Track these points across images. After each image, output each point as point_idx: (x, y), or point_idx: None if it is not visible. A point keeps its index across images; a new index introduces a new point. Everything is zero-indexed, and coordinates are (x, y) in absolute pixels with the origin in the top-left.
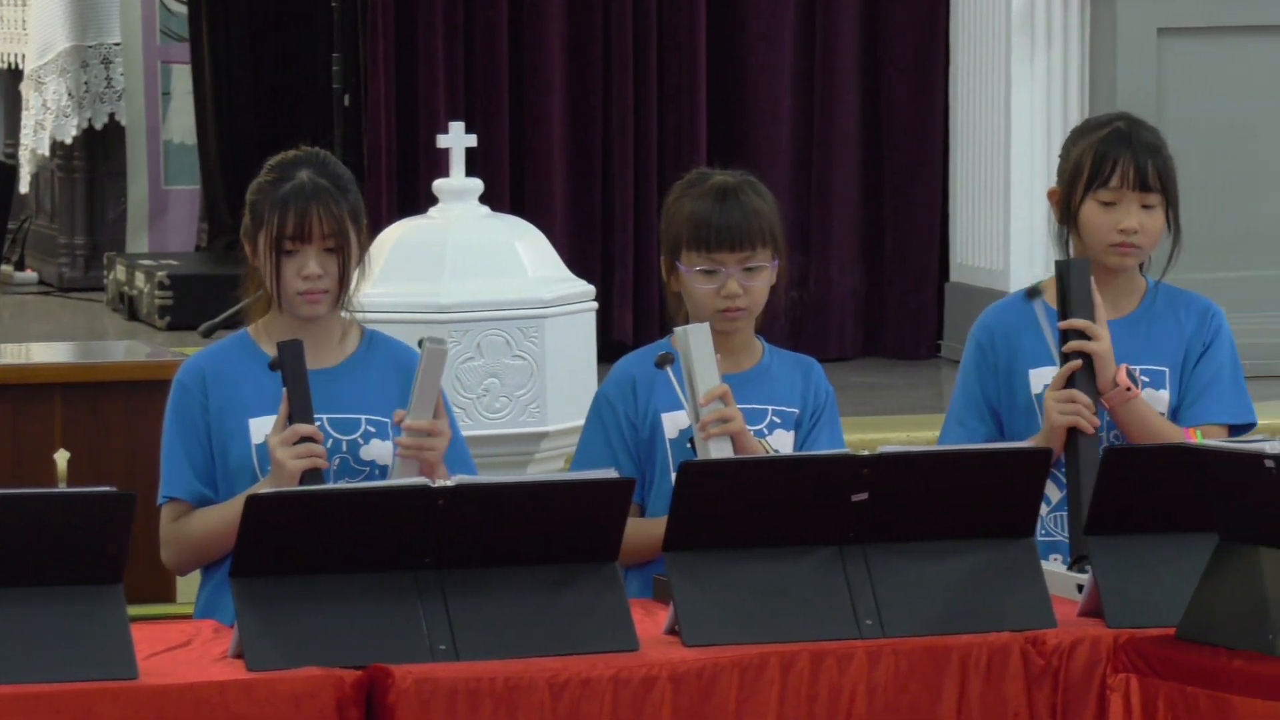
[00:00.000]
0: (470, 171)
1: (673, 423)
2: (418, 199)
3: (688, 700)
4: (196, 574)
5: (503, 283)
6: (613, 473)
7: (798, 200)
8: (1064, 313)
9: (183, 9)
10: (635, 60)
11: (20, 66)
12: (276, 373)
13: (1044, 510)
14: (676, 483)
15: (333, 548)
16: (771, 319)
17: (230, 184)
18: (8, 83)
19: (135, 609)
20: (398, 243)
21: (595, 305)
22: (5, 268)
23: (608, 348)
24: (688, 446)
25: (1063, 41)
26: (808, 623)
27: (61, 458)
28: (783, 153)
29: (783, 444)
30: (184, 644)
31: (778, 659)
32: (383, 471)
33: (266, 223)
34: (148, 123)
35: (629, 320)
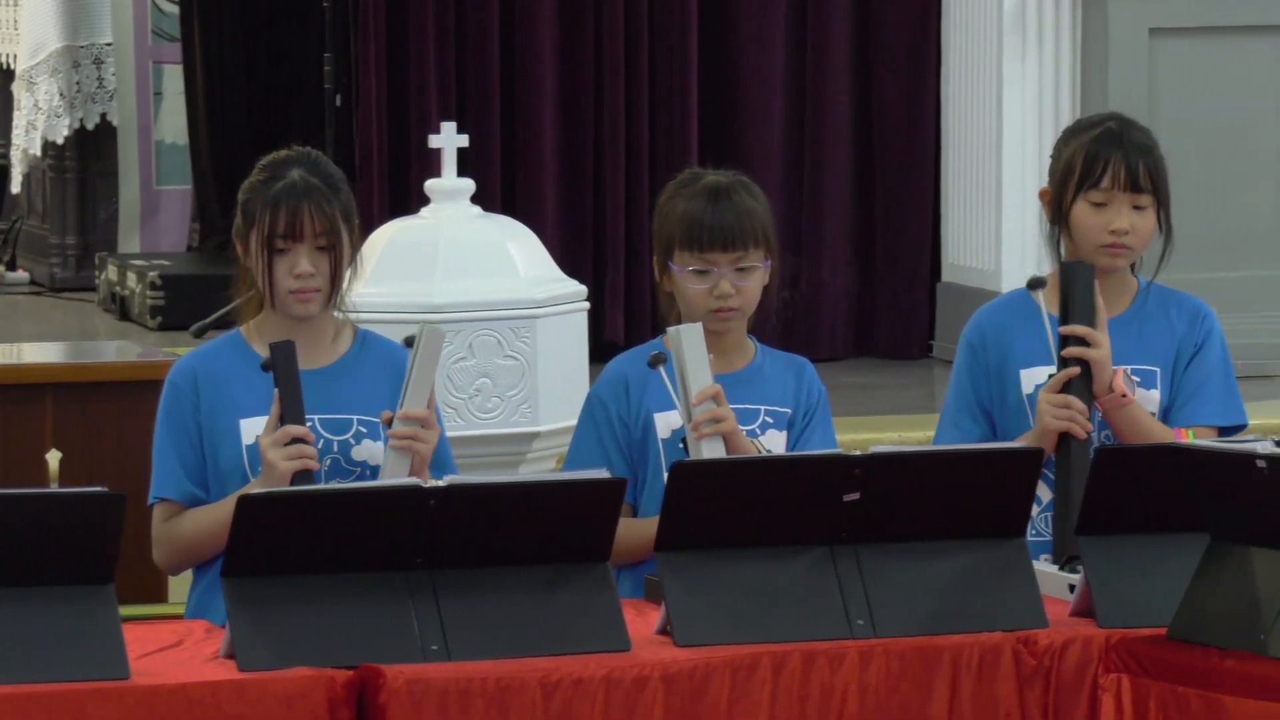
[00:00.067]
0: (462, 172)
1: (665, 423)
2: (409, 199)
3: (679, 700)
4: (188, 574)
5: (494, 283)
6: (604, 473)
7: (789, 201)
8: (1065, 317)
9: (174, 9)
10: (627, 61)
11: (12, 66)
12: (268, 373)
13: (1034, 510)
14: (668, 483)
15: (324, 548)
16: (763, 319)
17: (222, 184)
18: None
19: (127, 609)
20: (390, 243)
21: (587, 305)
22: None
23: (599, 348)
24: (680, 446)
25: (1054, 41)
26: (800, 623)
27: (53, 458)
28: (774, 154)
29: (775, 444)
30: (176, 644)
31: (769, 659)
32: (374, 472)
33: (258, 222)
34: (139, 123)
35: (620, 321)
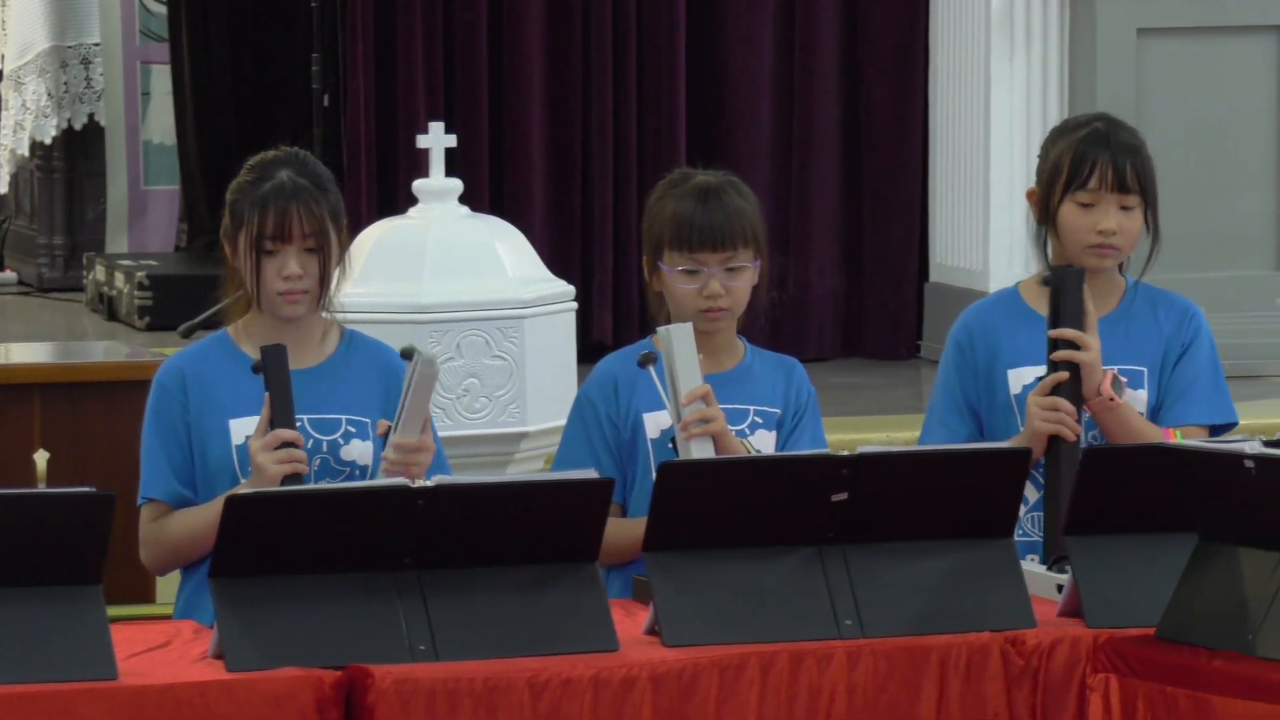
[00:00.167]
0: (450, 172)
1: (654, 423)
2: (397, 199)
3: (668, 700)
4: (176, 575)
5: (483, 283)
6: (593, 473)
7: (777, 201)
8: (1055, 320)
9: (162, 9)
10: (615, 62)
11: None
12: (257, 374)
13: (1021, 510)
14: (656, 483)
15: (312, 548)
16: (751, 320)
17: (210, 184)
18: None
19: (115, 609)
20: (377, 243)
21: (575, 306)
22: None
23: (587, 348)
24: (669, 446)
25: (1042, 41)
26: (787, 623)
27: (41, 458)
28: (762, 154)
29: (764, 444)
30: (164, 644)
31: (757, 659)
32: (363, 472)
33: (247, 223)
34: (127, 123)
35: (609, 321)
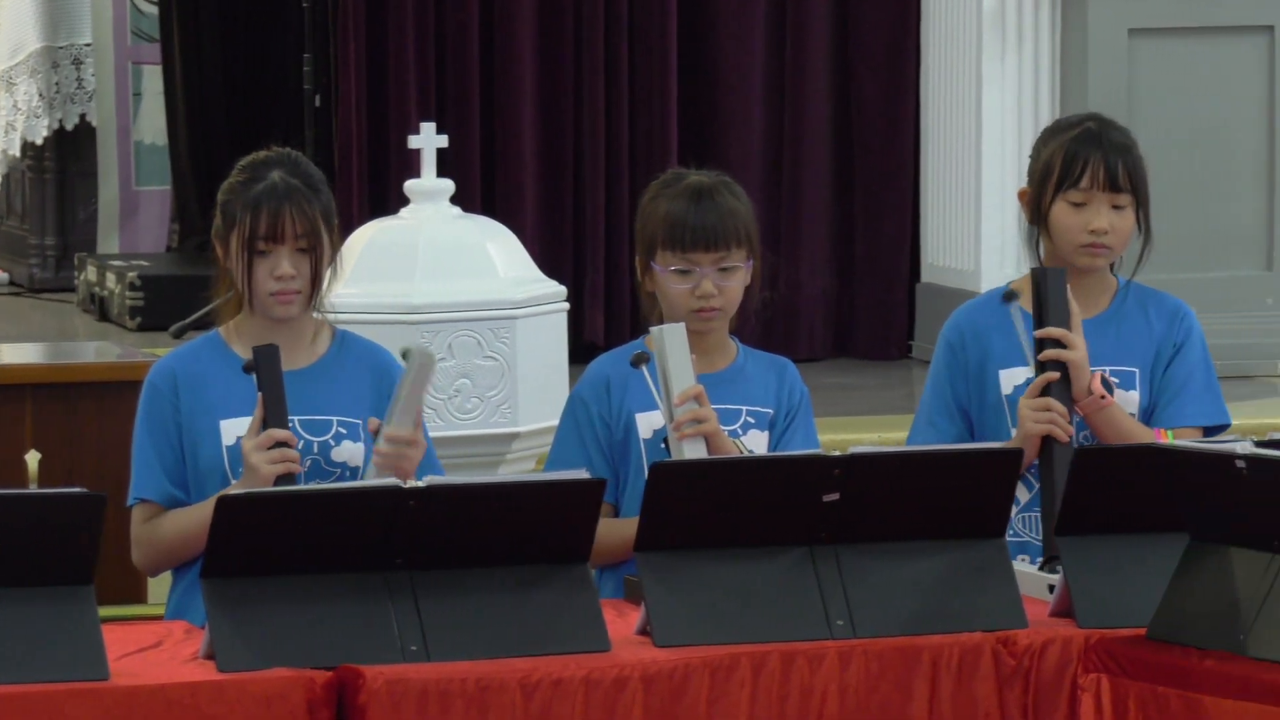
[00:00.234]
0: (441, 172)
1: (647, 423)
2: (389, 200)
3: (659, 701)
4: (168, 575)
5: (474, 283)
6: (584, 473)
7: (769, 201)
8: (1040, 321)
9: (153, 10)
10: (606, 61)
11: None
12: (248, 374)
13: (1013, 511)
14: (648, 483)
15: (304, 548)
16: (742, 320)
17: (201, 185)
18: None
19: (106, 610)
20: (369, 243)
21: (567, 306)
22: None
23: (579, 349)
24: (662, 447)
25: (1034, 41)
26: (779, 623)
27: (32, 459)
28: (754, 153)
29: (757, 444)
30: (155, 645)
31: (749, 659)
32: (354, 473)
33: (239, 223)
34: (118, 123)
35: (600, 321)
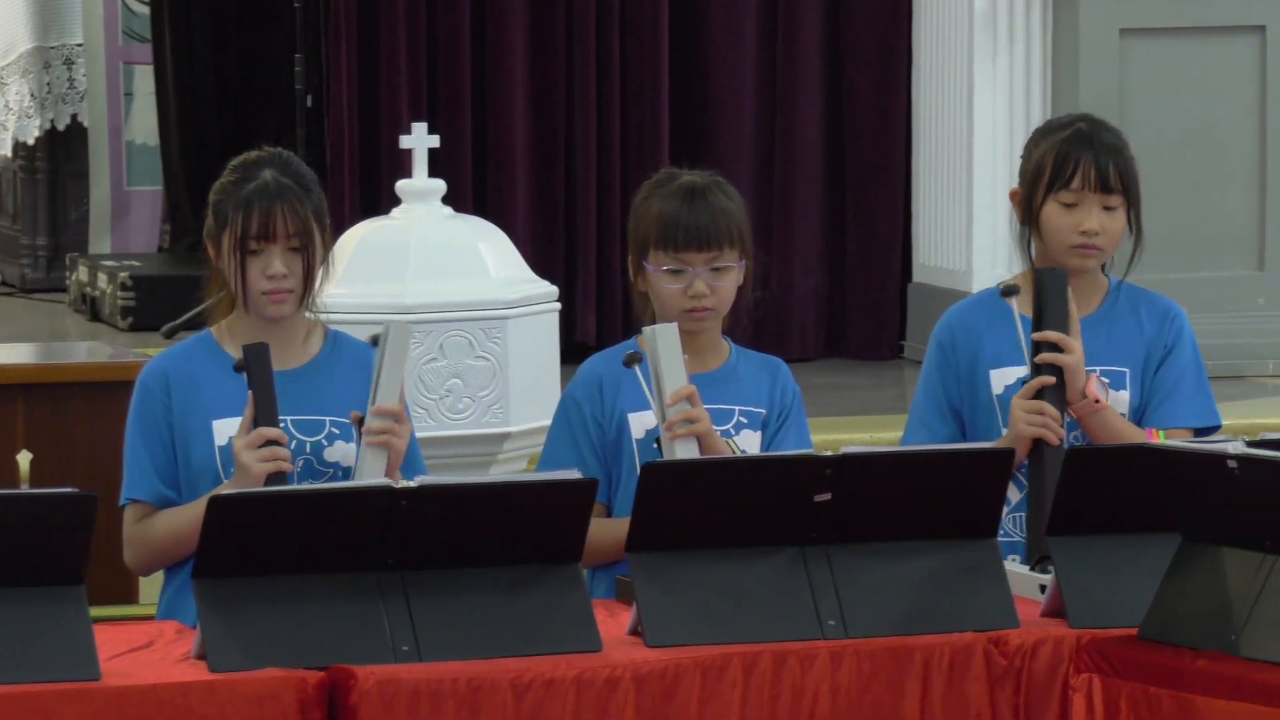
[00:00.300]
0: (433, 172)
1: (639, 423)
2: (380, 200)
3: (650, 701)
4: (159, 575)
5: (466, 284)
6: (575, 474)
7: (760, 200)
8: (1039, 323)
9: (145, 9)
10: (598, 54)
11: None
12: (240, 374)
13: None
14: (639, 483)
15: (295, 549)
16: (734, 320)
17: (193, 185)
18: None
19: (97, 610)
20: (360, 243)
21: (558, 306)
22: None
23: (570, 349)
24: (654, 447)
25: (1025, 42)
26: (770, 623)
27: (24, 459)
28: (745, 148)
29: (749, 444)
30: (146, 645)
31: (740, 660)
32: (347, 473)
33: (231, 223)
34: (110, 123)
35: (592, 321)
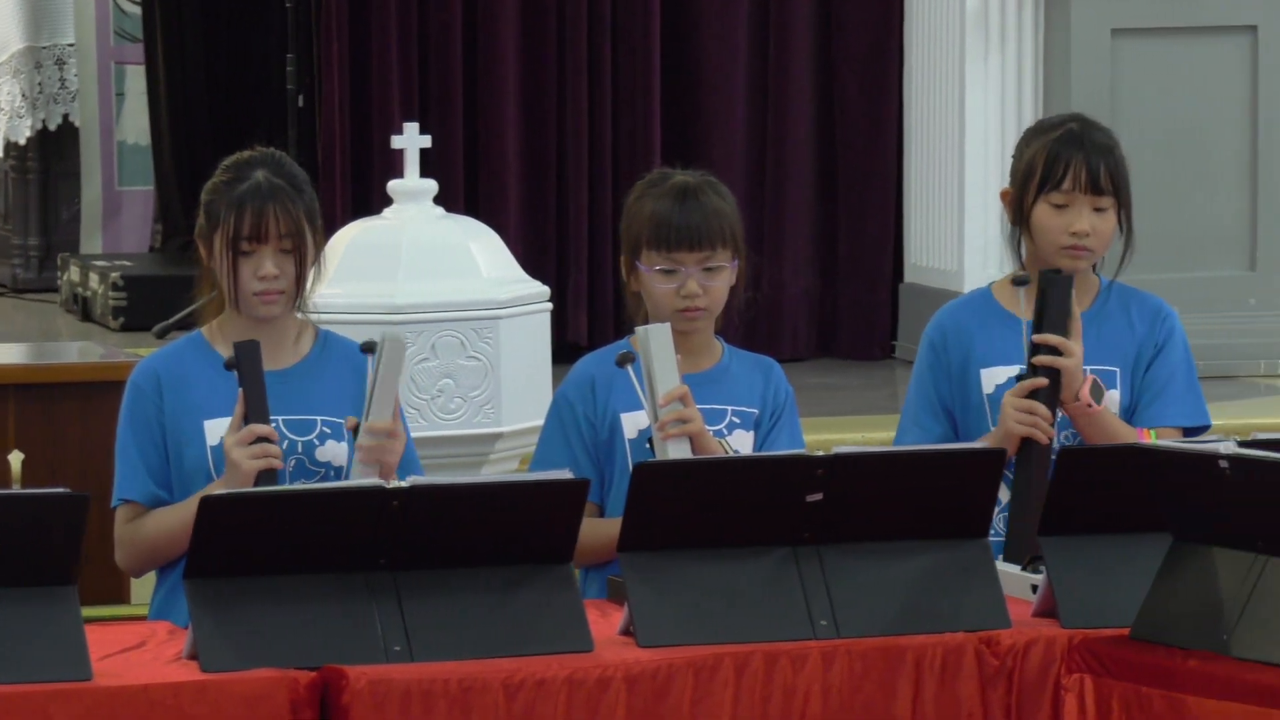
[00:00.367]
0: (424, 172)
1: (632, 423)
2: (372, 200)
3: (642, 701)
4: (151, 576)
5: (457, 284)
6: (567, 474)
7: (752, 201)
8: (1039, 325)
9: (136, 10)
10: (590, 61)
11: None
12: (231, 374)
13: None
14: (631, 483)
15: (287, 549)
16: (726, 320)
17: (184, 185)
18: None
19: (89, 610)
20: (352, 243)
21: (550, 306)
22: None
23: (562, 349)
24: (647, 447)
25: (1017, 42)
26: (762, 623)
27: (15, 459)
28: (737, 153)
29: (742, 444)
30: (138, 645)
31: (732, 660)
32: (338, 473)
33: (223, 223)
34: (101, 123)
35: (583, 322)
